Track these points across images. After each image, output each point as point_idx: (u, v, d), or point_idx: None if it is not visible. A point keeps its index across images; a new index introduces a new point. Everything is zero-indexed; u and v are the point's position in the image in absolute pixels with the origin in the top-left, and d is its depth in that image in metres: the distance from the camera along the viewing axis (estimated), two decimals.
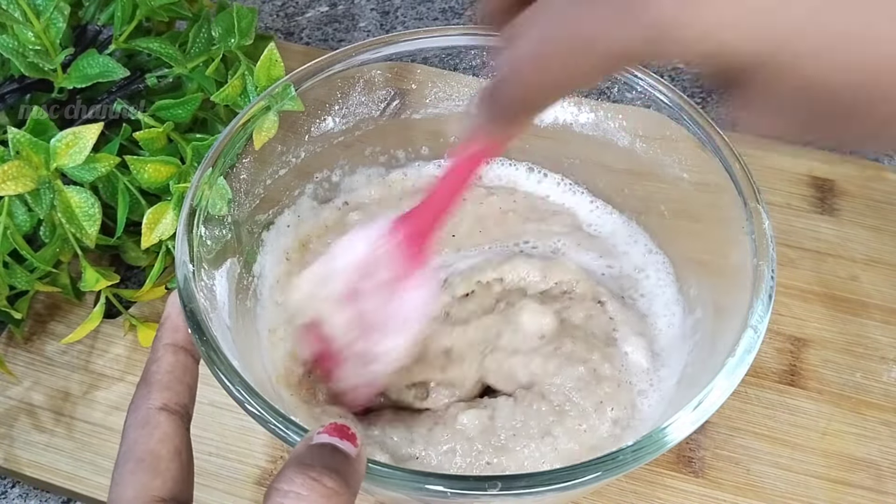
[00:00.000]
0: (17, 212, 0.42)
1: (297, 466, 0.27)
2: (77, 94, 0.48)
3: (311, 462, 0.27)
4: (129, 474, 0.30)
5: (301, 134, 0.45)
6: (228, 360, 0.33)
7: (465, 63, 0.46)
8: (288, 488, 0.26)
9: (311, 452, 0.27)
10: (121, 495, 0.29)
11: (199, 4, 0.51)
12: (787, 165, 0.56)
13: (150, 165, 0.43)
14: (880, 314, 0.50)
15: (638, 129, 0.45)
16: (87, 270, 0.45)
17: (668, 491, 0.44)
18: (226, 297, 0.39)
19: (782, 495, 0.44)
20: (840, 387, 0.47)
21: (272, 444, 0.45)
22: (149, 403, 0.31)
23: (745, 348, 0.34)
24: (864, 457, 0.45)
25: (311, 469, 0.26)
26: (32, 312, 0.51)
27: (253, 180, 0.42)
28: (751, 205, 0.38)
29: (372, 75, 0.45)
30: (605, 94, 0.45)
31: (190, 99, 0.46)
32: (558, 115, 0.47)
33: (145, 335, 0.48)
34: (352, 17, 0.70)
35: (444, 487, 0.30)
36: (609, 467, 0.31)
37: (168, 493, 0.30)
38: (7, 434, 0.46)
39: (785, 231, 0.53)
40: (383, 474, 0.30)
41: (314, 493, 0.26)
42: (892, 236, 0.53)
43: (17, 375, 0.48)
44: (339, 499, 0.26)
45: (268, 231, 0.45)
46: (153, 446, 0.30)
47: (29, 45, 0.44)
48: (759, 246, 0.36)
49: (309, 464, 0.27)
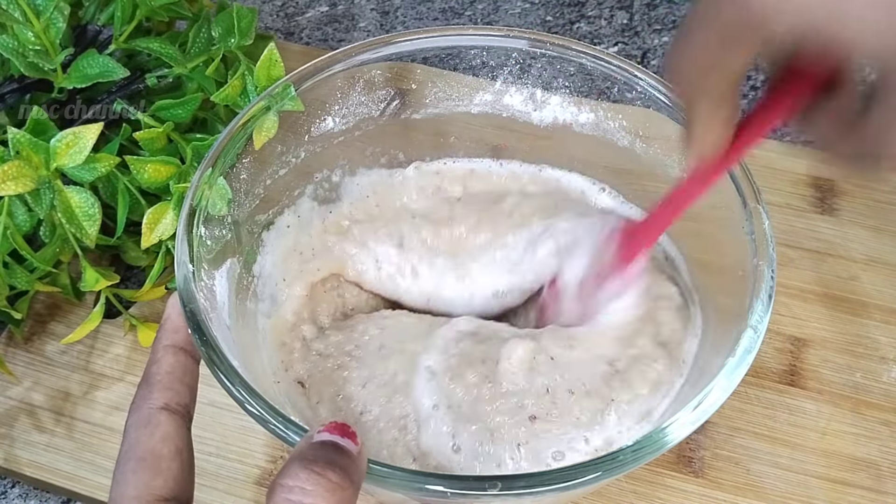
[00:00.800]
0: (17, 212, 0.42)
1: (301, 462, 0.27)
2: (77, 94, 0.48)
3: (315, 458, 0.27)
4: (130, 473, 0.30)
5: (301, 134, 0.45)
6: (228, 361, 0.33)
7: (465, 63, 0.46)
8: (293, 483, 0.26)
9: (313, 449, 0.28)
10: (122, 494, 0.29)
11: (199, 4, 0.51)
12: (787, 165, 0.56)
13: (150, 165, 0.43)
14: (880, 314, 0.50)
15: (638, 129, 0.45)
16: (87, 270, 0.45)
17: (667, 491, 0.44)
18: (226, 298, 0.39)
19: (782, 495, 0.44)
20: (840, 387, 0.47)
21: (272, 444, 0.45)
22: (150, 403, 0.31)
23: (745, 348, 0.34)
24: (864, 457, 0.45)
25: (315, 464, 0.27)
26: (32, 312, 0.51)
27: (253, 180, 0.42)
28: (751, 205, 0.38)
29: (372, 75, 0.45)
30: (605, 94, 0.45)
31: (190, 99, 0.46)
32: (558, 115, 0.47)
33: (145, 335, 0.48)
34: (352, 17, 0.70)
35: (443, 487, 0.30)
36: (609, 467, 0.31)
37: (169, 493, 0.30)
38: (7, 434, 0.46)
39: (785, 231, 0.53)
40: (383, 474, 0.30)
41: (319, 487, 0.26)
42: (892, 236, 0.53)
43: (17, 375, 0.48)
44: (343, 493, 0.26)
45: (268, 231, 0.45)
46: (154, 445, 0.30)
47: (29, 45, 0.44)
48: (758, 246, 0.37)
49: (312, 459, 0.27)
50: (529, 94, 0.47)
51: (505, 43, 0.45)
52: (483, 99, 0.48)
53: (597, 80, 0.45)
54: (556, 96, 0.46)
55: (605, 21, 0.69)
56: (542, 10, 0.70)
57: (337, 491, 0.26)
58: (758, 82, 0.64)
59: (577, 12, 0.70)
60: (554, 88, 0.46)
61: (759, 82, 0.64)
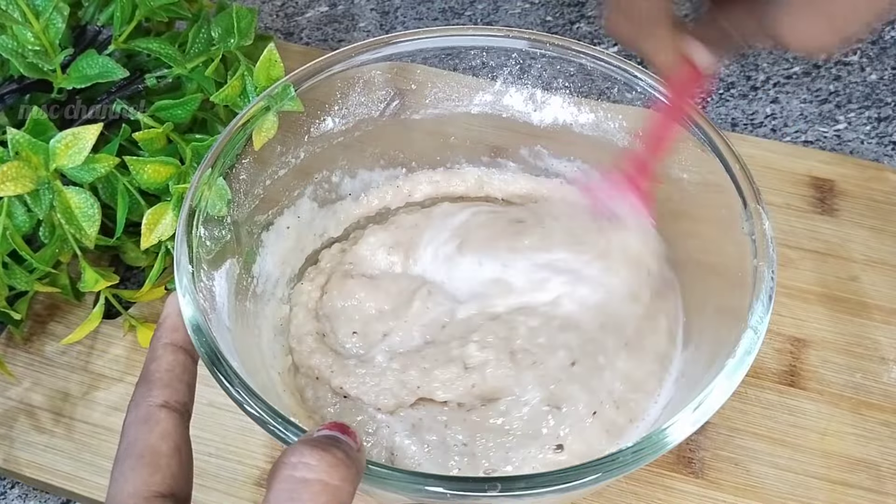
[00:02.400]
0: (17, 212, 0.42)
1: (304, 442, 0.27)
2: (76, 95, 0.48)
3: (317, 440, 0.27)
4: (129, 470, 0.30)
5: (301, 134, 0.45)
6: (228, 362, 0.33)
7: (465, 63, 0.46)
8: (296, 460, 0.26)
9: (315, 436, 0.28)
10: (120, 490, 0.29)
11: (199, 5, 0.51)
12: (787, 166, 0.56)
13: (150, 166, 0.43)
14: (880, 314, 0.50)
15: (638, 129, 0.45)
16: (87, 271, 0.44)
17: (667, 492, 0.44)
18: (225, 299, 0.39)
19: (782, 496, 0.44)
20: (840, 387, 0.47)
21: (271, 445, 0.45)
22: (149, 401, 0.31)
23: (745, 349, 0.34)
24: (864, 457, 0.45)
25: (319, 443, 0.27)
26: (32, 313, 0.51)
27: (252, 181, 0.42)
28: (751, 205, 0.38)
29: (371, 75, 0.45)
30: (605, 94, 0.45)
31: (189, 99, 0.46)
32: (558, 115, 0.47)
33: (145, 336, 0.48)
34: (352, 17, 0.70)
35: (443, 489, 0.30)
36: (609, 468, 0.31)
37: (167, 489, 0.30)
38: (6, 435, 0.46)
39: (785, 231, 0.53)
40: (382, 475, 0.30)
41: (323, 463, 0.26)
42: (891, 236, 0.53)
43: (16, 376, 0.48)
44: (347, 470, 0.27)
45: (267, 232, 0.45)
46: (153, 442, 0.30)
47: (28, 45, 0.44)
48: (758, 246, 0.36)
49: (315, 440, 0.27)
50: (529, 95, 0.47)
51: (505, 43, 0.45)
52: (483, 99, 0.48)
53: (597, 80, 0.45)
54: (555, 97, 0.46)
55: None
56: (542, 10, 0.70)
57: (341, 466, 0.26)
58: (758, 82, 0.64)
59: (577, 12, 0.70)
60: (554, 89, 0.46)
61: (758, 82, 0.64)
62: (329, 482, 0.26)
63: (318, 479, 0.26)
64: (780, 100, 0.63)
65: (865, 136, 0.61)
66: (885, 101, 0.63)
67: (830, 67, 0.65)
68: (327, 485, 0.26)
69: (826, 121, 0.62)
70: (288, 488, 0.26)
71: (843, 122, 0.62)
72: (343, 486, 0.26)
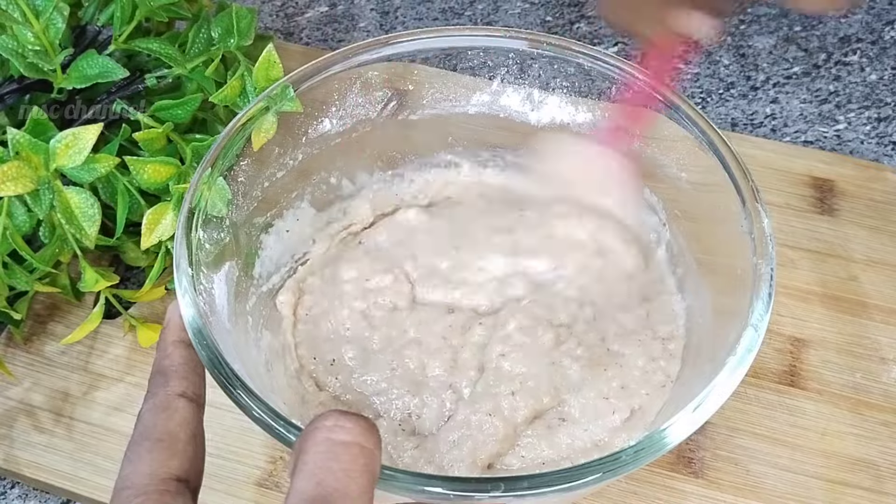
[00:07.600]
0: (17, 212, 0.42)
1: (334, 410, 0.27)
2: (77, 95, 0.48)
3: (344, 410, 0.27)
4: (146, 452, 0.30)
5: (298, 136, 0.45)
6: (229, 364, 0.33)
7: (464, 63, 0.46)
8: (332, 423, 0.26)
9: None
10: (135, 470, 0.29)
11: (199, 5, 0.51)
12: (786, 166, 0.56)
13: (150, 166, 0.43)
14: (880, 314, 0.50)
15: (637, 129, 0.45)
16: (87, 271, 0.44)
17: (667, 491, 0.44)
18: (225, 301, 0.39)
19: (782, 496, 0.44)
20: (840, 387, 0.47)
21: (272, 445, 0.45)
22: (167, 390, 0.32)
23: (746, 347, 0.34)
24: (864, 457, 0.45)
25: (348, 411, 0.27)
26: (32, 313, 0.51)
27: (251, 182, 0.42)
28: (750, 205, 0.38)
29: (370, 76, 0.45)
30: (605, 94, 0.45)
31: (189, 99, 0.46)
32: (556, 115, 0.47)
33: (145, 336, 0.48)
34: (351, 17, 0.70)
35: (445, 489, 0.30)
36: (610, 468, 0.31)
37: (184, 474, 0.29)
38: (6, 435, 0.46)
39: (784, 231, 0.53)
40: (384, 475, 0.30)
41: (358, 427, 0.27)
42: (891, 236, 0.53)
43: (16, 376, 0.48)
44: (375, 438, 0.27)
45: (266, 234, 0.45)
46: (172, 428, 0.30)
47: (28, 45, 0.44)
48: (758, 244, 0.37)
49: (342, 410, 0.27)
50: (527, 95, 0.47)
51: (504, 43, 0.45)
52: (480, 99, 0.48)
53: (596, 80, 0.45)
54: (553, 97, 0.46)
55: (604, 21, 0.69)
56: (542, 10, 0.70)
57: (375, 432, 0.27)
58: (757, 82, 0.64)
59: (577, 12, 0.70)
60: (552, 89, 0.46)
61: (758, 82, 0.64)
62: (365, 445, 0.26)
63: (356, 442, 0.26)
64: (779, 100, 0.63)
65: (865, 136, 0.61)
66: (885, 101, 0.63)
67: (830, 67, 0.65)
68: (364, 448, 0.26)
69: (826, 121, 0.62)
70: (325, 450, 0.26)
71: (843, 122, 0.62)
72: (376, 452, 0.27)
